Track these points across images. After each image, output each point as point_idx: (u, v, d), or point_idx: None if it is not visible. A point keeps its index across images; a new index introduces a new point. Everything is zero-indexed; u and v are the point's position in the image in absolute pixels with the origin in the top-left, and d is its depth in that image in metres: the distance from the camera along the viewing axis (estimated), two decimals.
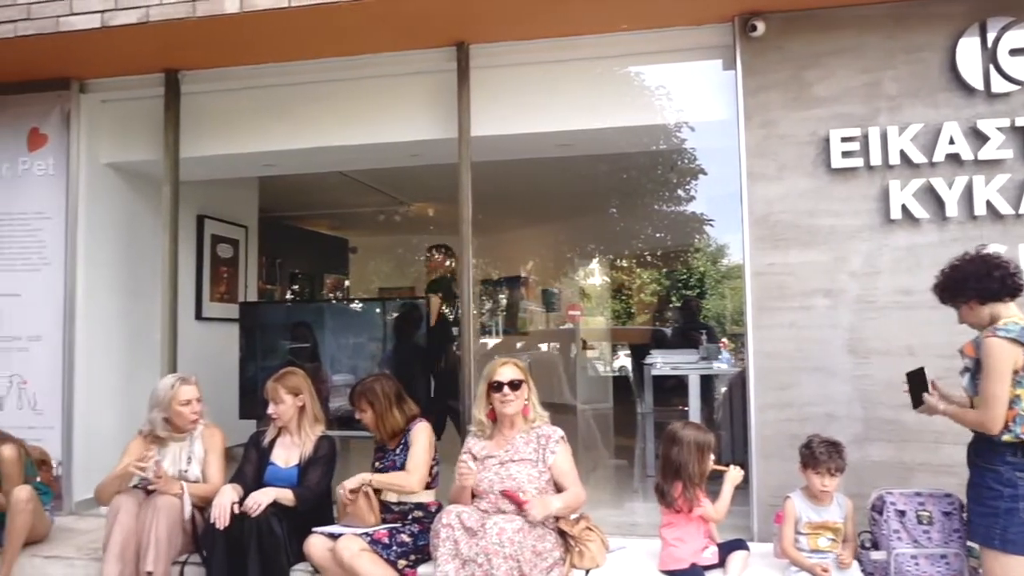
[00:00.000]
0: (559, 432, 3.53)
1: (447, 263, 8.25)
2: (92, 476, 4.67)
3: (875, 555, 3.32)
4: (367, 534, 3.45)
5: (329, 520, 3.74)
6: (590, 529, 3.38)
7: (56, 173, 4.91)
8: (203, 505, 3.83)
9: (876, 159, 3.91)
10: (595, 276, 11.75)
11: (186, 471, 3.86)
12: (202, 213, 6.23)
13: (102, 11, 4.15)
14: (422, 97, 4.69)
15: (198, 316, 6.12)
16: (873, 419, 3.84)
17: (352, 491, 3.57)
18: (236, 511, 3.52)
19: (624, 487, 5.62)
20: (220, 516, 3.51)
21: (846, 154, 3.94)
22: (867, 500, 3.44)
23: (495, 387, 3.47)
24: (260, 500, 3.53)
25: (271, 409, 3.85)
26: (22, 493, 3.89)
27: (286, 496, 3.61)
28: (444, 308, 7.08)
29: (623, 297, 13.04)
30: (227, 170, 5.54)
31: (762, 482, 3.94)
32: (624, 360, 10.51)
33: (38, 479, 4.16)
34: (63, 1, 4.19)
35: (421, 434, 3.72)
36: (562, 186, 8.00)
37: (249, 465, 3.86)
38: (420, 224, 10.41)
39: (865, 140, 3.93)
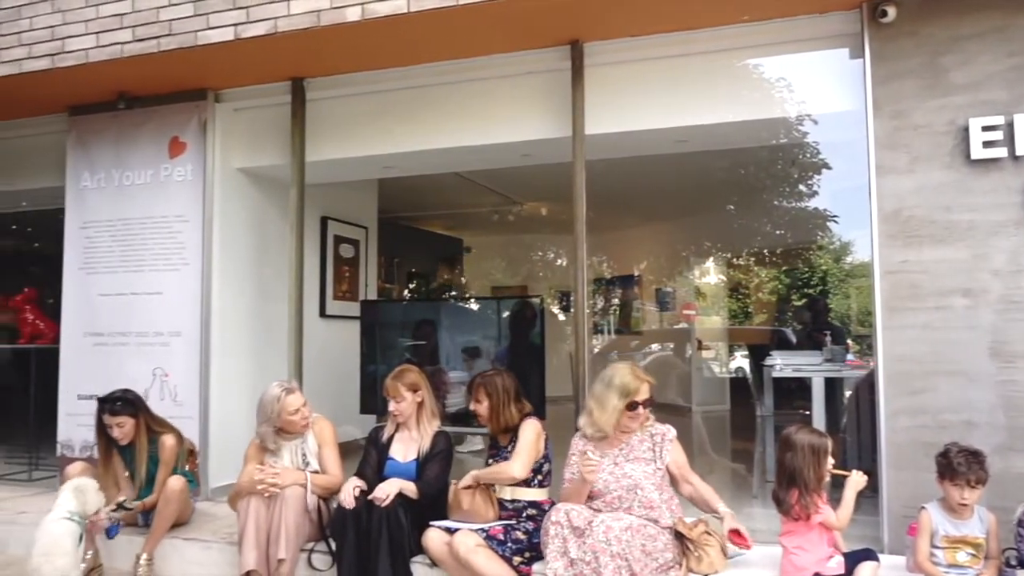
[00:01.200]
0: (672, 431, 3.50)
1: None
2: (226, 465, 4.97)
3: (1021, 574, 3.09)
4: (483, 530, 3.49)
5: (444, 514, 3.82)
6: (709, 534, 3.30)
7: (194, 179, 5.21)
8: (326, 496, 3.99)
9: (1022, 149, 3.63)
10: (711, 275, 11.47)
11: (306, 466, 4.02)
12: (326, 215, 6.48)
13: (235, 24, 4.38)
14: (535, 97, 4.71)
15: (322, 313, 6.37)
16: (1018, 427, 3.57)
17: (466, 488, 3.64)
18: (364, 500, 3.66)
19: (742, 492, 5.46)
20: (347, 499, 3.67)
21: (988, 144, 3.67)
22: (1012, 514, 3.20)
23: (632, 406, 3.41)
24: (388, 491, 3.64)
25: (392, 406, 3.94)
26: (176, 484, 4.17)
27: (410, 488, 3.71)
28: None
29: (740, 296, 12.67)
30: (349, 173, 5.74)
31: (893, 492, 3.73)
32: (741, 361, 10.23)
33: (187, 468, 4.44)
34: (200, 17, 4.44)
35: (529, 427, 3.73)
36: (677, 183, 7.86)
37: (369, 460, 3.98)
38: (533, 223, 10.47)
39: (1010, 128, 3.65)
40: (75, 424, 5.39)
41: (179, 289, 5.20)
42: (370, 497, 3.64)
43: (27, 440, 6.37)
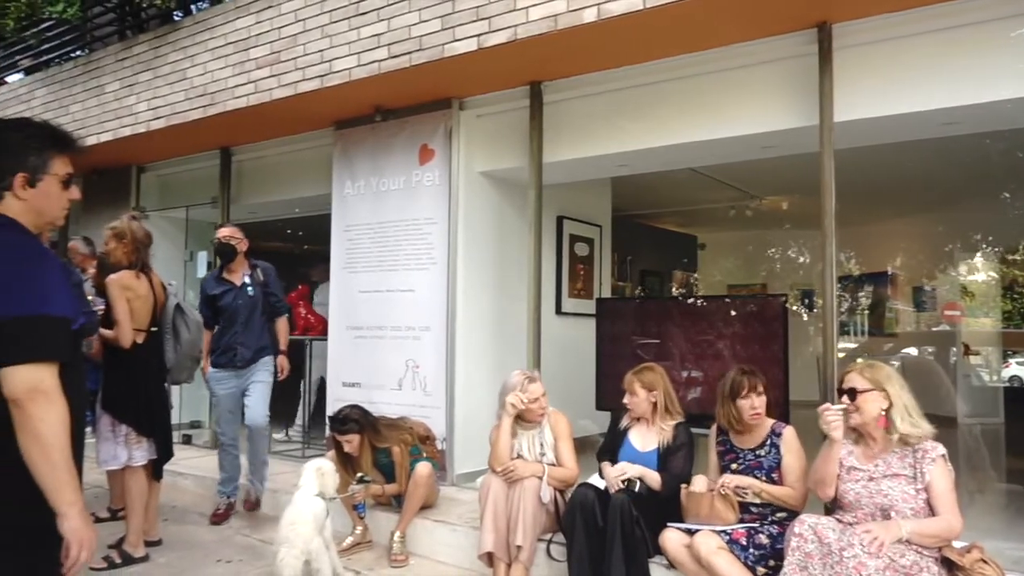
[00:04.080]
0: (940, 449, 3.11)
1: None
2: (470, 453, 5.26)
3: None
4: (725, 532, 3.39)
5: (678, 513, 3.76)
6: (984, 562, 2.95)
7: (440, 183, 5.55)
8: (562, 488, 4.09)
9: None
10: (980, 271, 10.26)
11: (542, 456, 4.13)
12: (561, 214, 6.62)
13: (478, 35, 4.60)
14: (776, 86, 4.48)
15: (558, 310, 6.52)
16: None
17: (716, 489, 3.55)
18: (596, 495, 3.71)
19: (1021, 516, 4.84)
20: (613, 483, 3.76)
21: None
22: None
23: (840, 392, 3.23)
24: (626, 469, 3.72)
25: (626, 399, 3.99)
26: (424, 470, 4.52)
27: (653, 478, 3.74)
28: None
29: (1016, 296, 11.21)
30: (584, 172, 5.81)
31: None
32: (1017, 369, 9.05)
33: (424, 456, 4.74)
34: (447, 31, 4.72)
35: (796, 441, 3.59)
36: (941, 170, 7.12)
37: (609, 445, 4.08)
38: (772, 219, 9.99)
39: None
40: None
41: (428, 287, 5.56)
42: (608, 472, 3.76)
43: (302, 421, 7.17)
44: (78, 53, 7.78)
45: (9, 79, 8.73)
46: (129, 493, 4.40)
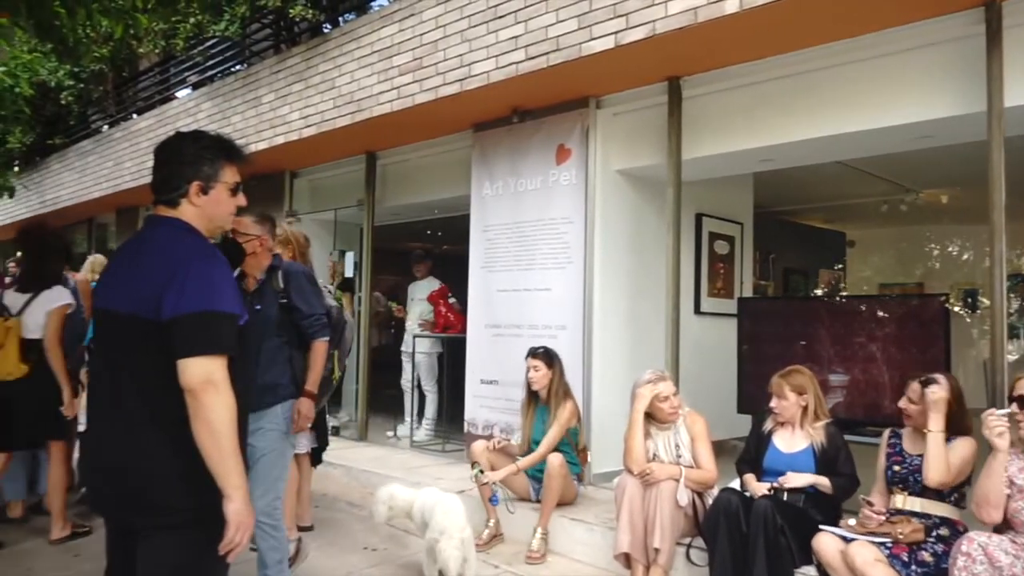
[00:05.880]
0: None
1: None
2: (607, 452, 5.22)
3: None
4: (885, 545, 3.20)
5: (830, 516, 3.62)
6: None
7: (577, 182, 5.55)
8: (700, 490, 4.00)
9: None
10: None
11: (678, 457, 4.06)
12: (700, 211, 6.47)
13: (615, 32, 4.57)
14: (936, 71, 4.18)
15: (696, 310, 6.38)
16: None
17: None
18: (740, 500, 3.61)
19: None
20: (758, 491, 3.69)
21: None
22: None
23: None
24: (792, 478, 3.65)
25: (773, 403, 3.86)
26: (556, 460, 4.56)
27: (822, 483, 3.63)
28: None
29: None
30: (725, 168, 5.66)
31: None
32: None
33: (576, 444, 4.85)
34: (584, 29, 4.71)
35: (969, 447, 3.36)
36: None
37: (752, 450, 3.97)
38: (930, 213, 9.36)
39: None
40: (479, 405, 6.09)
41: (564, 286, 5.57)
42: (778, 481, 3.67)
43: (442, 416, 7.37)
44: (238, 68, 8.34)
45: (179, 94, 9.49)
46: None
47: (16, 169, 12.42)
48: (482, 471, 4.60)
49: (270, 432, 3.44)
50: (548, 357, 4.85)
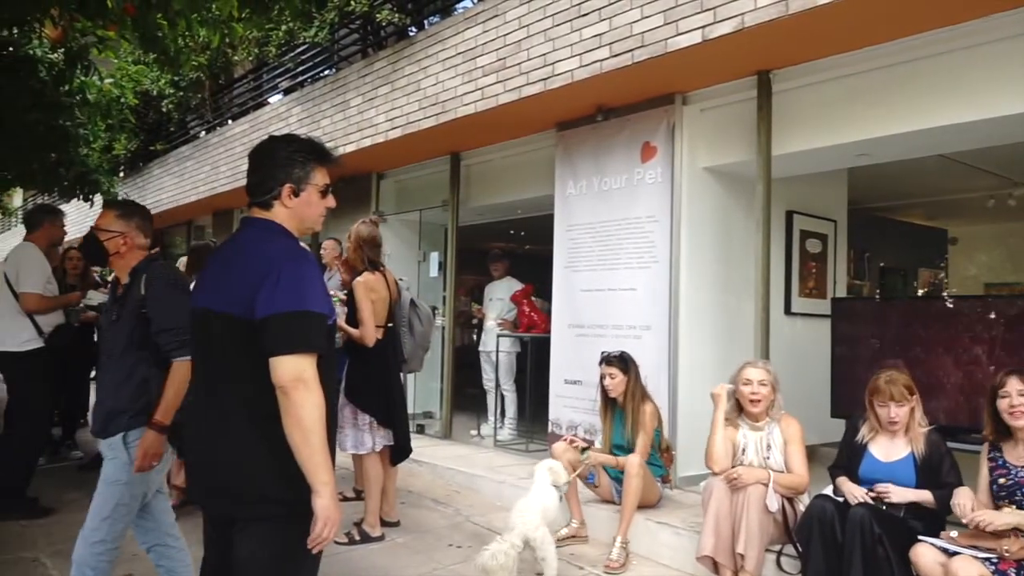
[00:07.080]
0: None
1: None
2: (693, 456, 5.11)
3: None
4: (990, 561, 3.02)
5: (932, 526, 3.44)
6: None
7: (663, 180, 5.46)
8: (790, 496, 3.88)
9: None
10: None
11: (767, 459, 3.95)
12: (791, 209, 6.27)
13: (702, 27, 4.47)
14: None
15: (787, 311, 6.18)
16: None
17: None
18: (835, 508, 3.47)
19: None
20: (855, 495, 3.51)
21: None
22: None
23: None
24: (890, 490, 3.46)
25: (893, 412, 3.62)
26: (634, 460, 4.52)
27: (926, 500, 3.44)
28: None
29: None
30: (817, 164, 5.47)
31: None
32: None
33: (659, 455, 4.80)
34: (670, 25, 4.63)
35: None
36: None
37: (846, 456, 3.79)
38: None
39: None
40: (562, 405, 6.07)
41: (649, 285, 5.49)
42: (878, 491, 3.48)
43: (524, 416, 7.38)
44: (327, 72, 8.56)
45: (271, 100, 9.81)
46: (367, 476, 4.77)
47: (121, 175, 13.11)
48: (588, 453, 4.69)
49: (108, 461, 2.99)
50: (623, 362, 4.78)
